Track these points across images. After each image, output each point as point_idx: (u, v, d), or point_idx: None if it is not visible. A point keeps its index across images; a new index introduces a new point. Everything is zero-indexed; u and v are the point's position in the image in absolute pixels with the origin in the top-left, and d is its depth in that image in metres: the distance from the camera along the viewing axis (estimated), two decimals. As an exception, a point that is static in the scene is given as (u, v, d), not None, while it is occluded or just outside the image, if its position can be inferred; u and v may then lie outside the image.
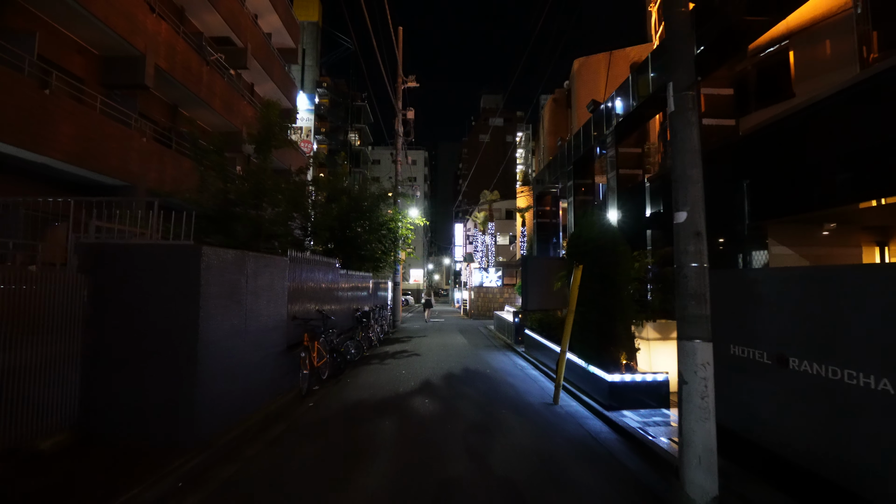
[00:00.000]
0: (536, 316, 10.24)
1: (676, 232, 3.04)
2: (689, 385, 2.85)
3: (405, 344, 13.00)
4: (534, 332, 10.23)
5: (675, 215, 3.06)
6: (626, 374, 5.87)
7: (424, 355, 10.75)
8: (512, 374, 8.65)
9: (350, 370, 8.71)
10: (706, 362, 2.83)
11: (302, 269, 7.41)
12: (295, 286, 7.00)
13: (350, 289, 11.28)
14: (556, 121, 34.28)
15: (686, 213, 2.98)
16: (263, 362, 5.83)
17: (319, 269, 8.56)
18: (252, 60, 16.15)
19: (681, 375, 2.93)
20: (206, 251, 4.38)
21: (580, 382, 6.81)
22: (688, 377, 2.86)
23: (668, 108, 3.16)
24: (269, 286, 6.00)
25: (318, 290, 8.39)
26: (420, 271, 55.33)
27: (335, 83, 52.84)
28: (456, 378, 8.12)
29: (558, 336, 8.38)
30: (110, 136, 9.17)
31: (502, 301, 23.60)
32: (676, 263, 3.03)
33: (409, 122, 19.15)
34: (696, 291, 2.91)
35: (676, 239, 3.04)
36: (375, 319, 13.17)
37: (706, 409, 2.78)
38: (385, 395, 6.74)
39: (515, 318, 12.92)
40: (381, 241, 15.80)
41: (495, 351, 11.91)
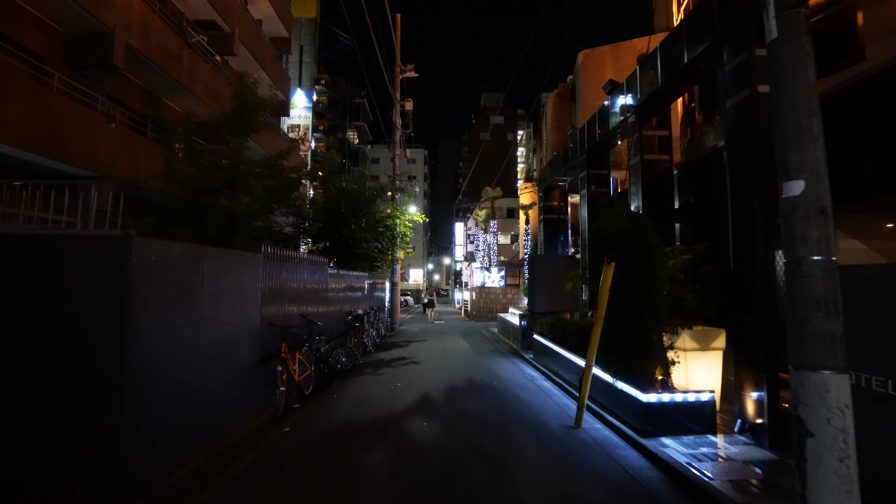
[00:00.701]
0: (547, 320, 9.27)
1: (787, 210, 2.08)
2: (817, 440, 1.88)
3: (403, 349, 12.03)
4: (544, 338, 9.25)
5: (783, 187, 2.10)
6: (663, 393, 4.89)
7: (424, 363, 9.77)
8: (522, 386, 7.67)
9: (340, 382, 7.74)
10: (844, 405, 1.86)
11: (281, 267, 6.44)
12: (271, 288, 6.02)
13: (342, 290, 10.31)
14: (560, 116, 33.32)
15: (803, 182, 2.02)
16: (229, 379, 4.85)
17: (304, 268, 7.59)
18: (240, 47, 15.17)
19: (799, 424, 1.96)
20: (138, 244, 3.40)
21: (604, 399, 5.83)
22: (815, 426, 1.89)
23: (769, 34, 2.20)
24: (235, 288, 5.03)
25: (301, 291, 7.42)
26: (420, 271, 54.38)
27: (333, 80, 51.91)
28: (459, 392, 7.14)
29: (573, 344, 7.41)
30: (70, 119, 8.19)
31: (505, 302, 22.62)
32: (788, 256, 2.07)
33: (408, 113, 18.19)
34: (824, 297, 1.94)
35: (787, 221, 2.07)
36: (371, 323, 12.20)
37: (847, 477, 1.82)
38: (377, 414, 5.76)
39: (522, 322, 11.95)
40: (377, 239, 14.84)
41: (501, 358, 10.93)
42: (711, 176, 6.61)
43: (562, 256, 13.31)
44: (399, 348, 12.26)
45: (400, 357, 10.58)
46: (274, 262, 6.15)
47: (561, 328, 8.16)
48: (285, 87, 19.63)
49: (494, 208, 26.68)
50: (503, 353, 11.78)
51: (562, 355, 7.92)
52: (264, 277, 5.78)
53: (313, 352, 6.85)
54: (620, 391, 5.36)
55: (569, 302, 12.04)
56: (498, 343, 13.76)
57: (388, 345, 13.03)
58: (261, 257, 5.67)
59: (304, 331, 7.14)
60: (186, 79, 11.91)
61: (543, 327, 9.38)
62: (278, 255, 6.32)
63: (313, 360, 6.82)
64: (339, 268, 11.89)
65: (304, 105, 39.17)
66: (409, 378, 8.07)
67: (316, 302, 8.31)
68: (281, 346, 5.87)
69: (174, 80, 11.39)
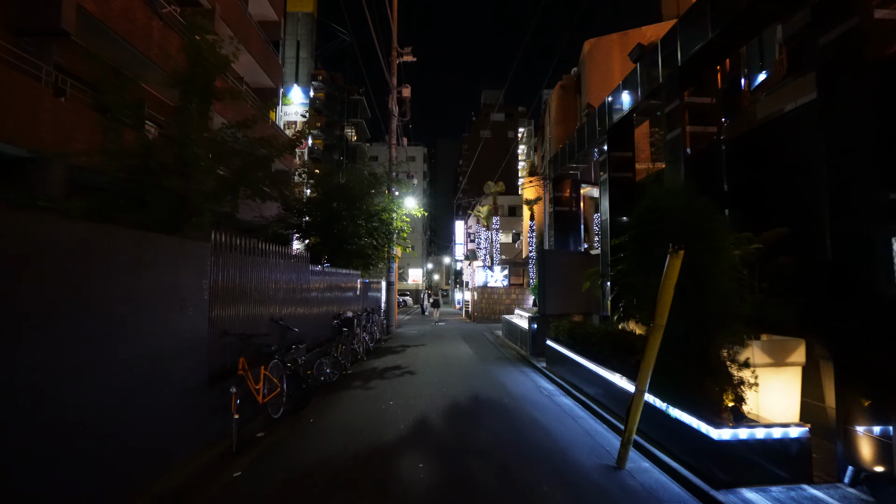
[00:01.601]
0: (564, 325, 8.02)
1: None
2: None
3: (399, 356, 10.78)
4: (560, 346, 8.01)
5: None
6: (739, 428, 3.65)
7: (421, 373, 8.52)
8: (538, 404, 6.42)
9: (321, 399, 6.49)
10: None
11: (243, 262, 5.20)
12: (228, 286, 4.78)
13: (328, 290, 9.06)
14: (564, 109, 32.09)
15: None
16: (158, 409, 3.61)
17: (277, 264, 6.35)
18: (221, 24, 13.92)
19: None
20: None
21: (650, 428, 4.59)
22: None
23: None
24: (170, 286, 3.79)
25: (274, 291, 6.18)
26: (419, 271, 53.18)
27: (331, 76, 50.74)
28: (463, 413, 5.90)
29: (601, 355, 6.16)
30: (6, 89, 6.96)
31: (509, 303, 21.38)
32: None
33: (406, 100, 16.95)
34: None
35: None
36: (363, 326, 10.96)
37: None
38: (360, 448, 4.52)
39: (532, 325, 10.71)
40: (372, 234, 13.62)
41: (508, 366, 9.68)
42: (775, 149, 5.38)
43: (575, 253, 12.07)
44: (394, 355, 11.01)
45: (395, 366, 9.32)
46: (231, 254, 4.91)
47: (584, 335, 6.91)
48: (274, 74, 18.39)
49: (497, 205, 25.44)
50: (511, 360, 10.53)
51: (585, 367, 6.67)
52: (216, 273, 4.54)
53: (286, 365, 5.61)
54: (676, 421, 4.11)
55: (583, 302, 10.81)
56: (503, 348, 12.52)
57: (382, 350, 11.78)
58: (209, 247, 4.42)
59: (277, 339, 5.89)
60: (156, 54, 10.65)
61: (559, 333, 8.13)
62: (238, 247, 5.07)
63: (285, 374, 5.57)
64: (331, 265, 10.68)
65: (301, 101, 37.98)
66: (403, 394, 6.82)
67: (294, 304, 7.07)
68: (238, 360, 4.62)
69: (141, 54, 10.14)
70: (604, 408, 5.82)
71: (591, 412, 5.93)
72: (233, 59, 6.28)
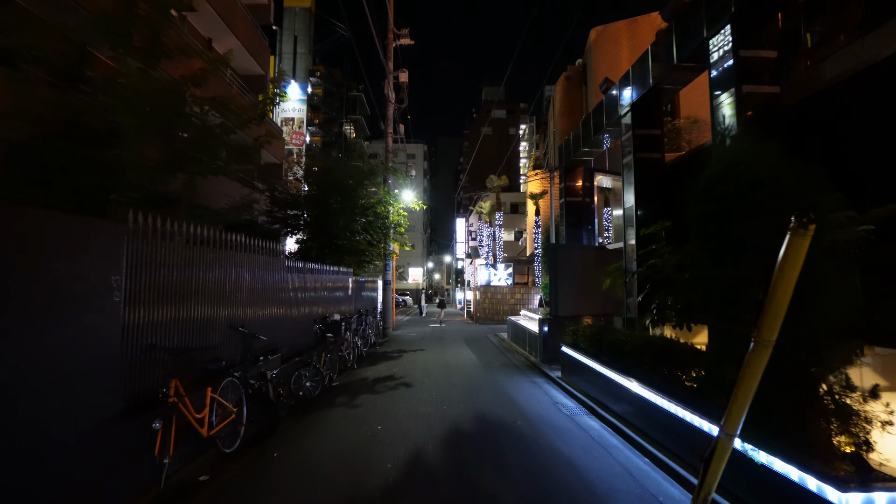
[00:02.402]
0: (586, 330, 6.88)
1: None
2: None
3: (394, 363, 9.63)
4: (579, 353, 6.86)
5: None
6: (873, 490, 2.51)
7: (418, 385, 7.39)
8: (559, 428, 5.28)
9: (295, 421, 5.35)
10: None
11: (182, 253, 4.07)
12: (156, 284, 3.65)
13: (311, 289, 7.92)
14: (569, 101, 30.92)
15: None
16: (38, 459, 2.48)
17: (237, 257, 5.22)
18: (202, 1, 12.78)
19: None
20: None
21: (727, 476, 3.44)
22: None
23: None
24: (54, 282, 2.66)
25: (233, 291, 5.06)
26: (419, 270, 52.07)
27: (329, 72, 49.67)
28: (468, 443, 4.75)
29: (639, 368, 5.01)
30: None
31: (514, 303, 20.23)
32: None
33: (403, 86, 15.80)
34: None
35: None
36: (355, 330, 9.83)
37: None
38: (330, 500, 3.38)
39: (543, 328, 9.56)
40: (366, 229, 12.49)
41: (517, 375, 8.54)
42: (857, 111, 4.23)
43: (590, 247, 10.92)
44: (390, 361, 9.86)
45: (388, 376, 8.18)
46: (164, 242, 3.77)
47: (613, 343, 5.76)
48: (263, 60, 17.25)
49: (500, 200, 24.27)
50: (519, 368, 9.38)
51: (614, 381, 5.52)
52: (139, 267, 3.40)
53: (248, 382, 4.47)
54: (767, 471, 2.97)
55: (600, 303, 9.67)
56: (510, 353, 11.37)
57: (377, 356, 10.64)
58: (124, 231, 3.28)
59: (239, 350, 4.77)
60: (122, 26, 9.52)
61: (579, 339, 6.99)
62: (174, 233, 3.93)
63: (245, 395, 4.43)
64: (322, 262, 9.56)
65: (299, 97, 36.93)
66: (395, 414, 5.68)
67: (265, 306, 5.94)
68: (171, 382, 3.48)
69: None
70: (640, 433, 4.67)
71: (625, 439, 4.79)
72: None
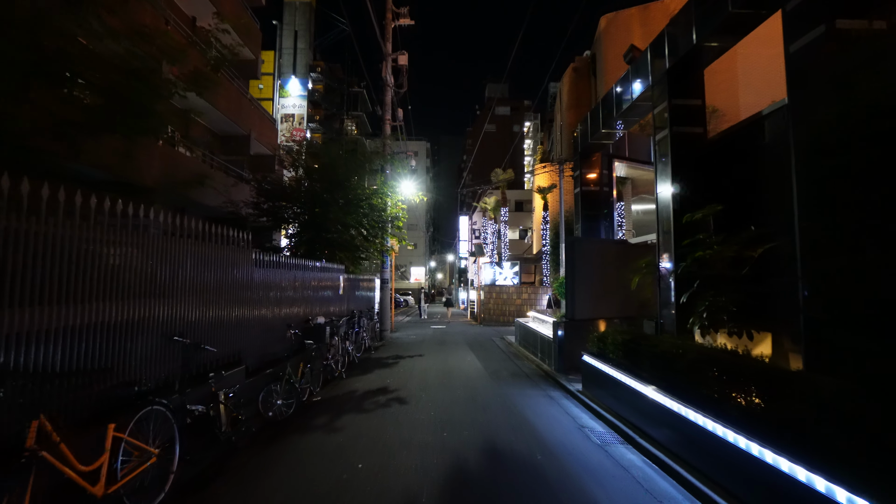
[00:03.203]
0: (616, 337, 5.72)
1: None
2: None
3: (389, 371, 8.49)
4: (607, 365, 5.70)
5: None
6: None
7: (414, 402, 6.24)
8: (590, 466, 4.11)
9: (254, 454, 4.21)
10: None
11: (68, 232, 2.94)
12: (21, 273, 2.52)
13: (290, 288, 6.79)
14: (577, 93, 29.68)
15: None
16: None
17: (170, 242, 4.09)
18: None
19: None
20: None
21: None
22: None
23: None
24: None
25: (170, 289, 3.92)
26: (421, 269, 51.00)
27: (330, 68, 48.70)
28: (475, 491, 3.61)
29: (685, 385, 3.85)
30: None
31: (520, 303, 19.05)
32: None
33: (403, 69, 14.65)
34: None
35: None
36: (345, 334, 8.71)
37: None
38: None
39: (558, 332, 8.40)
40: (361, 223, 11.37)
41: (530, 388, 7.38)
42: None
43: (611, 241, 9.75)
44: (384, 370, 8.72)
45: (381, 388, 7.04)
46: (46, 218, 2.64)
47: (659, 356, 4.58)
48: (253, 42, 16.17)
49: (505, 195, 23.08)
50: (531, 377, 8.23)
51: (659, 404, 4.35)
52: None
53: (183, 410, 3.34)
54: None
55: (620, 304, 8.53)
56: (519, 360, 10.21)
57: (370, 363, 9.50)
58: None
59: (176, 366, 3.64)
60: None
61: (607, 347, 5.83)
62: (66, 207, 2.79)
63: (177, 427, 3.30)
64: (311, 259, 8.45)
65: (299, 93, 36.07)
66: (382, 444, 4.53)
67: (223, 307, 4.81)
68: (31, 423, 2.34)
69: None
70: (702, 476, 3.50)
71: (682, 484, 3.62)
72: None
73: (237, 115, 14.74)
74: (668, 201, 6.23)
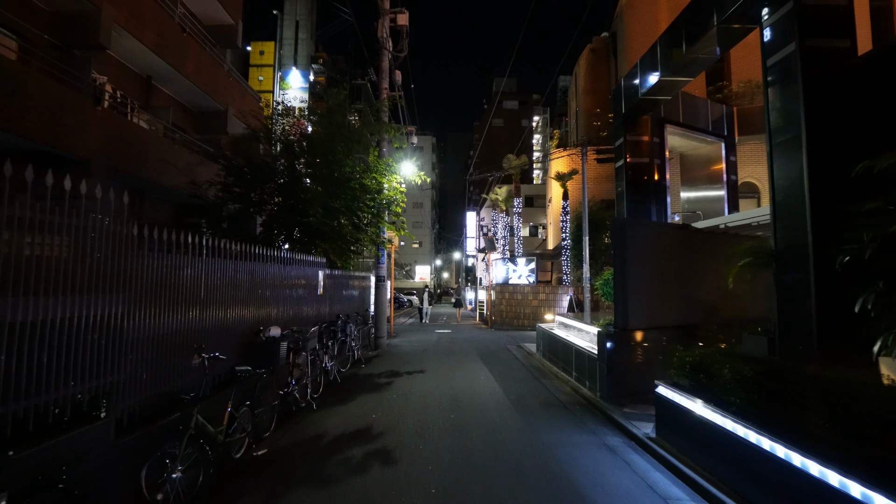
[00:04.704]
0: (736, 365, 3.50)
1: None
2: None
3: (376, 398, 6.34)
4: (715, 409, 3.50)
5: None
6: None
7: (406, 462, 4.09)
8: None
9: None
10: None
11: None
12: None
13: (222, 287, 4.63)
14: (595, 76, 27.40)
15: None
16: None
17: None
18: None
19: None
20: None
21: None
22: None
23: None
24: None
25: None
26: (427, 268, 48.94)
27: (332, 59, 46.82)
28: None
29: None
30: None
31: (536, 304, 16.84)
32: None
33: (403, 30, 12.50)
34: None
35: None
36: (323, 346, 6.63)
37: None
38: None
39: (606, 346, 6.20)
40: (350, 207, 9.26)
41: (574, 428, 5.19)
42: None
43: (672, 226, 7.57)
44: (371, 394, 6.58)
45: (359, 431, 4.90)
46: None
47: (870, 415, 2.38)
48: (232, 6, 14.13)
49: (518, 185, 20.86)
50: (570, 408, 6.04)
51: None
52: None
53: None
54: None
55: (685, 308, 6.41)
56: (546, 377, 8.02)
57: (356, 383, 7.36)
58: None
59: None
60: None
61: (713, 379, 3.62)
62: None
63: None
64: (290, 251, 6.40)
65: (300, 85, 34.27)
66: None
67: (75, 305, 2.69)
68: None
69: None
70: None
71: None
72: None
73: (211, 87, 12.70)
74: (794, 151, 4.03)
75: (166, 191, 10.65)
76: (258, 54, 32.18)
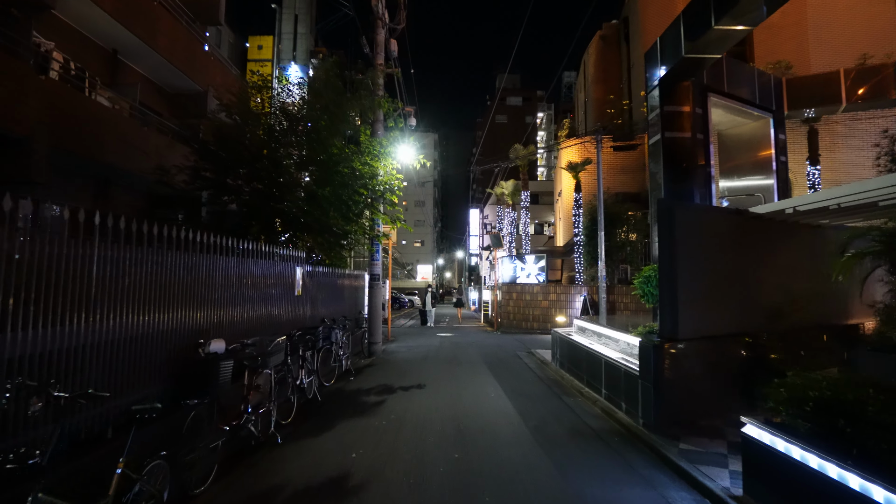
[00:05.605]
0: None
1: None
2: None
3: (360, 427, 5.05)
4: (873, 481, 2.23)
5: None
6: None
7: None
8: None
9: None
10: None
11: None
12: None
13: (136, 285, 3.36)
14: (605, 65, 26.03)
15: None
16: None
17: None
18: None
19: None
20: None
21: None
22: None
23: None
24: None
25: None
26: (429, 267, 47.68)
27: (332, 54, 45.66)
28: None
29: None
30: None
31: (546, 305, 15.54)
32: None
33: (401, 3, 11.20)
34: None
35: None
36: (298, 360, 5.37)
37: None
38: None
39: (651, 359, 4.89)
40: (340, 196, 8.00)
41: (620, 474, 3.88)
42: None
43: (727, 211, 6.26)
44: (355, 421, 5.30)
45: (330, 480, 3.62)
46: None
47: None
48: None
49: (526, 177, 19.55)
50: (606, 440, 4.74)
51: None
52: None
53: None
54: None
55: (741, 312, 5.14)
56: (567, 394, 6.71)
57: (339, 403, 6.08)
58: None
59: None
60: None
61: (858, 422, 2.34)
62: None
63: None
64: (267, 243, 5.17)
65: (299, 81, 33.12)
66: None
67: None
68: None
69: None
70: None
71: None
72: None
73: (188, 66, 11.47)
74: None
75: (136, 178, 9.42)
76: (256, 49, 31.02)
